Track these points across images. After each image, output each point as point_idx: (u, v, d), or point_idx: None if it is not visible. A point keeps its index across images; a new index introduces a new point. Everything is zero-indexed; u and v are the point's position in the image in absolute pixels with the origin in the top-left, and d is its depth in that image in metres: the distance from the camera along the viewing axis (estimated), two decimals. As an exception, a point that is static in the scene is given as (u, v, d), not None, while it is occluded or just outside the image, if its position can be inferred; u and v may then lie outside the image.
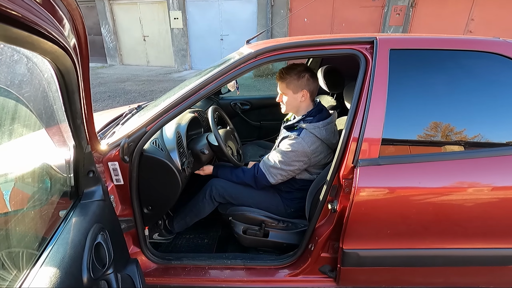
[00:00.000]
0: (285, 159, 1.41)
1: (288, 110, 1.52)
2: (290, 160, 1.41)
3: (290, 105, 1.49)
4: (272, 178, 1.47)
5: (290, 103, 1.48)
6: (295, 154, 1.39)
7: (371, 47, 1.19)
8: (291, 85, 1.43)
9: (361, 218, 1.17)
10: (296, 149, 1.38)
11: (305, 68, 1.45)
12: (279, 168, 1.43)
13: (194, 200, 1.65)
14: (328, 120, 1.46)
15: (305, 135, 1.39)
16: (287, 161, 1.41)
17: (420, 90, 1.18)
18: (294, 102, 1.47)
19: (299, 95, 1.44)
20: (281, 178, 1.47)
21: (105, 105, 5.49)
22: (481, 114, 1.17)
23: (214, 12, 8.77)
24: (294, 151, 1.39)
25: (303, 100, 1.45)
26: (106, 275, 0.82)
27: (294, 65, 1.46)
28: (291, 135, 1.42)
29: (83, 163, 0.92)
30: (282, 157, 1.41)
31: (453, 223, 1.19)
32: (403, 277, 1.36)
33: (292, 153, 1.39)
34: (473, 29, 7.12)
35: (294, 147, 1.39)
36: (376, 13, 7.66)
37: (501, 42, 1.16)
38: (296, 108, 1.50)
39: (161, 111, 1.25)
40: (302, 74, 1.42)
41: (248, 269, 1.47)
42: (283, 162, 1.42)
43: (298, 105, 1.48)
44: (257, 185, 1.52)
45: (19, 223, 0.82)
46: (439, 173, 1.14)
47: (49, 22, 0.49)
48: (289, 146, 1.40)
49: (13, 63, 0.55)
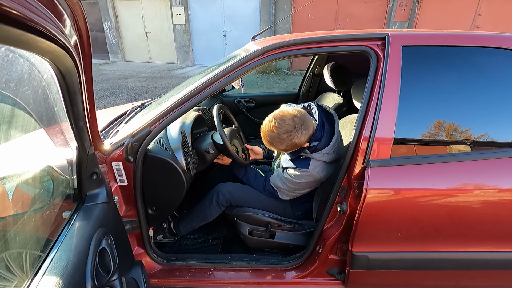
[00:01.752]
0: (297, 186, 1.38)
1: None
2: (301, 188, 1.39)
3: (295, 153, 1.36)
4: (285, 196, 1.45)
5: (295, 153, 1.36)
6: (307, 183, 1.37)
7: (382, 44, 1.14)
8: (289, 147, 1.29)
9: (372, 220, 1.14)
10: (307, 181, 1.35)
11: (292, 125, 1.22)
12: (290, 190, 1.41)
13: (200, 205, 1.61)
14: (334, 138, 1.29)
15: (314, 166, 1.31)
16: (298, 188, 1.39)
17: (434, 88, 1.14)
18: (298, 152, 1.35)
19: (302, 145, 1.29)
20: (292, 195, 1.44)
21: (107, 102, 5.47)
22: (499, 113, 1.13)
23: (216, 8, 8.70)
24: (307, 182, 1.36)
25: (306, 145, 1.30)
26: (110, 282, 0.79)
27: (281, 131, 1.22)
28: (299, 169, 1.33)
29: (86, 165, 0.90)
30: (293, 185, 1.38)
31: (466, 226, 1.15)
32: (413, 280, 1.33)
33: (304, 184, 1.36)
34: (480, 25, 6.98)
35: (305, 179, 1.34)
36: (381, 8, 7.54)
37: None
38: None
39: (165, 110, 1.22)
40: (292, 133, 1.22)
41: (254, 271, 1.44)
42: (294, 189, 1.40)
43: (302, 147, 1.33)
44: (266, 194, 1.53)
45: (23, 225, 0.79)
46: (453, 174, 1.11)
47: (46, 19, 0.45)
48: (299, 178, 1.35)
49: (8, 64, 0.51)
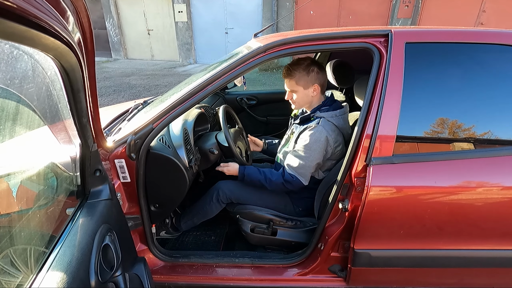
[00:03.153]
0: (309, 152, 1.35)
1: (300, 106, 1.48)
2: (315, 152, 1.35)
3: (302, 102, 1.44)
4: (304, 179, 1.40)
5: (302, 100, 1.43)
6: (318, 144, 1.34)
7: (385, 41, 1.14)
8: (301, 81, 1.38)
9: (374, 218, 1.14)
10: (318, 138, 1.33)
11: (312, 61, 1.40)
12: (306, 166, 1.37)
13: (201, 202, 1.62)
14: (344, 109, 1.43)
15: (324, 123, 1.35)
16: (311, 154, 1.35)
17: (437, 85, 1.13)
18: (306, 98, 1.42)
19: (310, 90, 1.40)
20: (311, 174, 1.41)
21: (110, 100, 5.48)
22: (502, 110, 1.12)
23: (218, 5, 8.67)
24: (317, 141, 1.33)
25: (315, 94, 1.41)
26: (114, 277, 0.80)
27: (300, 60, 1.40)
28: (310, 125, 1.37)
29: (90, 162, 0.90)
30: (305, 152, 1.35)
31: (469, 224, 1.15)
32: (415, 277, 1.33)
33: (315, 144, 1.34)
34: (484, 21, 6.92)
35: (316, 136, 1.33)
36: (384, 5, 7.49)
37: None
38: (309, 104, 1.45)
39: (168, 107, 1.22)
40: (311, 68, 1.37)
41: (256, 268, 1.45)
42: (307, 158, 1.35)
43: (310, 100, 1.43)
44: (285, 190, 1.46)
45: (28, 222, 0.80)
46: (456, 172, 1.10)
47: (50, 15, 0.45)
48: (310, 136, 1.34)
49: (12, 61, 0.51)
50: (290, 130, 1.57)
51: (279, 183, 1.42)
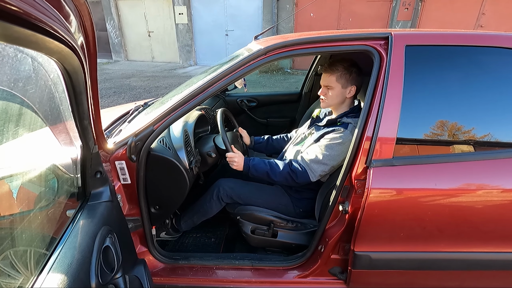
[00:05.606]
0: (330, 151, 1.32)
1: (330, 105, 1.44)
2: (336, 154, 1.32)
3: (334, 100, 1.41)
4: (313, 175, 1.35)
5: (336, 98, 1.39)
6: (341, 147, 1.31)
7: (385, 43, 1.14)
8: (342, 79, 1.36)
9: (374, 220, 1.14)
10: (343, 142, 1.30)
11: (353, 63, 1.38)
12: (322, 163, 1.33)
13: (201, 200, 1.62)
14: None
15: (352, 129, 1.31)
16: (331, 153, 1.32)
17: (437, 88, 1.13)
18: (340, 97, 1.40)
19: (348, 90, 1.38)
20: (320, 174, 1.36)
21: (110, 101, 5.49)
22: (502, 113, 1.12)
23: (219, 7, 8.70)
24: (341, 144, 1.31)
25: (349, 96, 1.39)
26: (114, 279, 0.80)
27: (343, 59, 1.38)
28: (337, 128, 1.34)
29: (90, 164, 0.90)
30: (327, 150, 1.32)
31: (470, 226, 1.15)
32: (416, 280, 1.33)
33: (338, 146, 1.31)
34: (484, 24, 6.94)
35: (342, 139, 1.31)
36: (384, 7, 7.52)
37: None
38: (340, 104, 1.42)
39: (168, 109, 1.22)
40: (352, 69, 1.36)
41: (256, 270, 1.45)
42: (328, 156, 1.32)
43: (342, 101, 1.41)
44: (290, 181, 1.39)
45: (29, 223, 0.80)
46: (456, 174, 1.10)
47: (55, 19, 0.45)
48: (336, 138, 1.32)
49: (16, 64, 0.52)
50: (308, 130, 1.53)
51: (285, 172, 1.37)
